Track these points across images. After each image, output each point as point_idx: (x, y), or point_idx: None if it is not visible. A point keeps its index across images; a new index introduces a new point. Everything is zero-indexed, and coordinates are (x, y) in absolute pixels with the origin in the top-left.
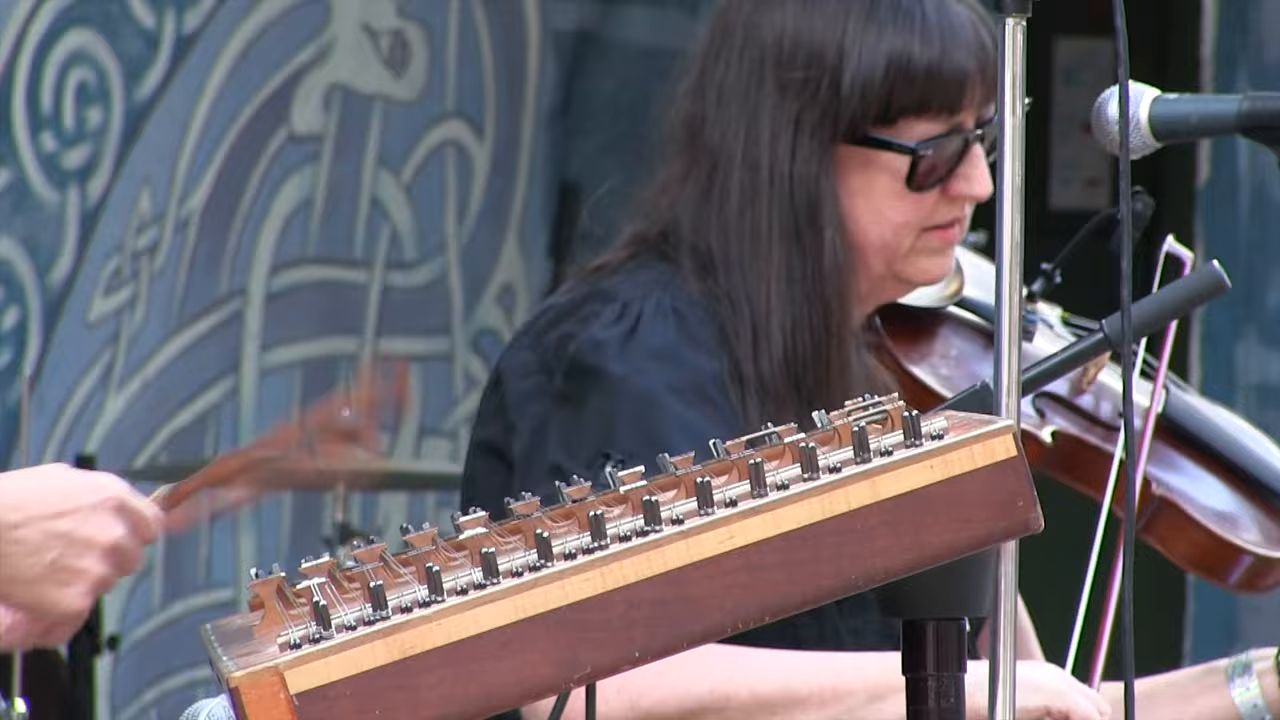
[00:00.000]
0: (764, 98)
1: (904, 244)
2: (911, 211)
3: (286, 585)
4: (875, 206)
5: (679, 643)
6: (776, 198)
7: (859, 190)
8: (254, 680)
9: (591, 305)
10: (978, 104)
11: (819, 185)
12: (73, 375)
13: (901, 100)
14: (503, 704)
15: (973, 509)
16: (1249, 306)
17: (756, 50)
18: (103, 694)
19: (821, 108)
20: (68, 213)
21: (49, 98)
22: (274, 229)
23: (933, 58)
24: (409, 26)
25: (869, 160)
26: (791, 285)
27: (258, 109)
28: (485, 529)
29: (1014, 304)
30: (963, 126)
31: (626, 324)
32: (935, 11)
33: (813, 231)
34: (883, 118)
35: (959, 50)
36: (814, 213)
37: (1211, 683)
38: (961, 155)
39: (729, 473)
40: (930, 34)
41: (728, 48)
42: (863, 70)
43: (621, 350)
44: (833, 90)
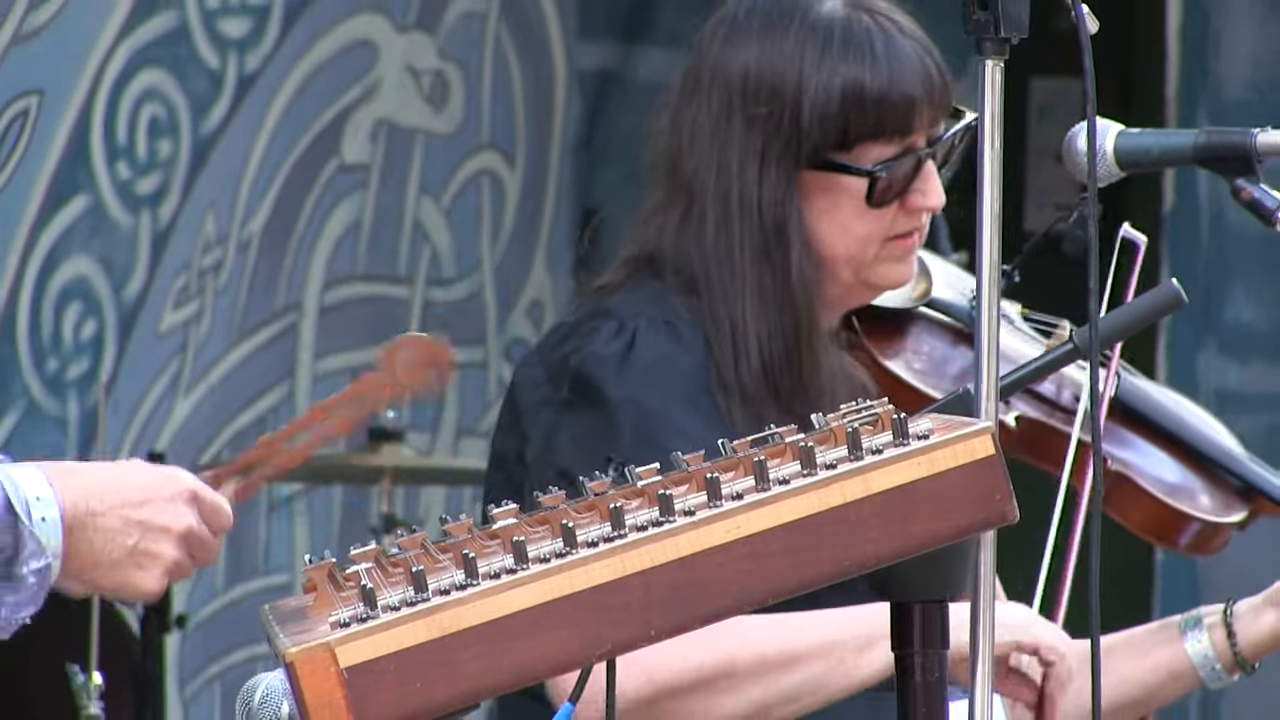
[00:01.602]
0: (732, 132)
1: (869, 254)
2: (873, 225)
3: (337, 570)
4: (840, 223)
5: (692, 622)
6: (747, 222)
7: (824, 210)
8: (308, 656)
9: (592, 322)
10: (927, 125)
11: (785, 209)
12: (145, 381)
13: (857, 127)
14: (531, 677)
15: (955, 502)
16: (1209, 320)
17: (724, 89)
18: (171, 668)
19: (784, 139)
20: (140, 235)
21: (124, 131)
22: (326, 249)
23: (883, 87)
24: (448, 67)
25: (831, 183)
26: (764, 300)
27: (311, 141)
28: (516, 520)
29: (993, 316)
30: (914, 146)
31: (624, 339)
32: (883, 45)
33: (781, 250)
34: (841, 144)
35: (906, 78)
36: (781, 233)
37: (1166, 636)
38: (915, 172)
39: (735, 469)
40: (879, 65)
41: (699, 87)
42: (820, 102)
43: (620, 364)
44: (794, 122)
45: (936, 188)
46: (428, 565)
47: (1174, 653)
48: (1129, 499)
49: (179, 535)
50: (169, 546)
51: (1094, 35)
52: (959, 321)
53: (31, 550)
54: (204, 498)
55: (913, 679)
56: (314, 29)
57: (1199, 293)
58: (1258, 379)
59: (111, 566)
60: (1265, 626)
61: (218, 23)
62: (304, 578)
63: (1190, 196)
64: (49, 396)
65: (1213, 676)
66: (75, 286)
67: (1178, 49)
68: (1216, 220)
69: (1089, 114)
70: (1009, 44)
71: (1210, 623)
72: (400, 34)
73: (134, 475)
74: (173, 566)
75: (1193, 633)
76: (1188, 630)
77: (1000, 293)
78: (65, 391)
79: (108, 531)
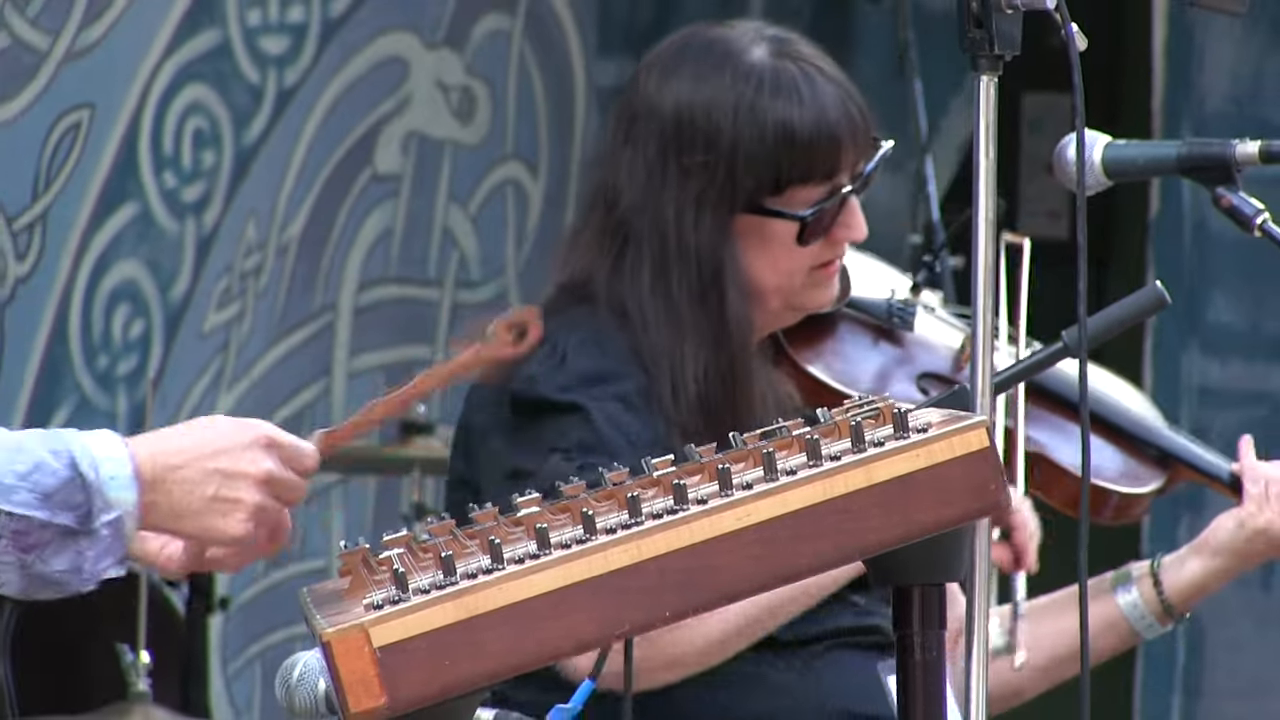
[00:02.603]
0: (669, 179)
1: (795, 284)
2: (800, 259)
3: (370, 555)
4: (770, 261)
5: (705, 605)
6: (684, 267)
7: (756, 251)
8: (343, 636)
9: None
10: (851, 164)
11: (721, 253)
12: (189, 378)
13: (787, 172)
14: (554, 656)
15: (952, 491)
16: (1191, 322)
17: (659, 134)
18: (215, 648)
19: (719, 187)
20: (185, 240)
21: (170, 142)
22: (360, 254)
23: (810, 132)
24: (475, 83)
25: (763, 226)
26: (701, 338)
27: (346, 152)
28: (539, 508)
29: (988, 318)
30: (840, 185)
31: (556, 357)
32: (809, 90)
33: (717, 293)
34: (773, 189)
35: (832, 122)
36: (718, 278)
37: (1101, 590)
38: (840, 208)
39: (745, 460)
40: (806, 111)
41: (635, 127)
42: (753, 150)
43: (554, 377)
44: (728, 171)
45: (860, 221)
46: (456, 551)
47: (1107, 607)
48: (1048, 478)
49: (257, 480)
50: (249, 491)
51: (1083, 52)
52: (877, 318)
53: (101, 505)
54: (282, 442)
55: (913, 657)
56: (348, 46)
57: (1182, 295)
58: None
59: (195, 515)
60: (1188, 575)
61: (258, 40)
62: (339, 563)
63: (1174, 204)
64: (99, 392)
65: (1145, 626)
66: (124, 289)
67: (1162, 65)
68: (1199, 227)
69: (1078, 126)
70: (1002, 60)
71: (1138, 576)
72: (430, 51)
73: (211, 429)
74: (255, 510)
75: (1123, 587)
76: (1118, 586)
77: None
78: (114, 387)
79: (187, 483)
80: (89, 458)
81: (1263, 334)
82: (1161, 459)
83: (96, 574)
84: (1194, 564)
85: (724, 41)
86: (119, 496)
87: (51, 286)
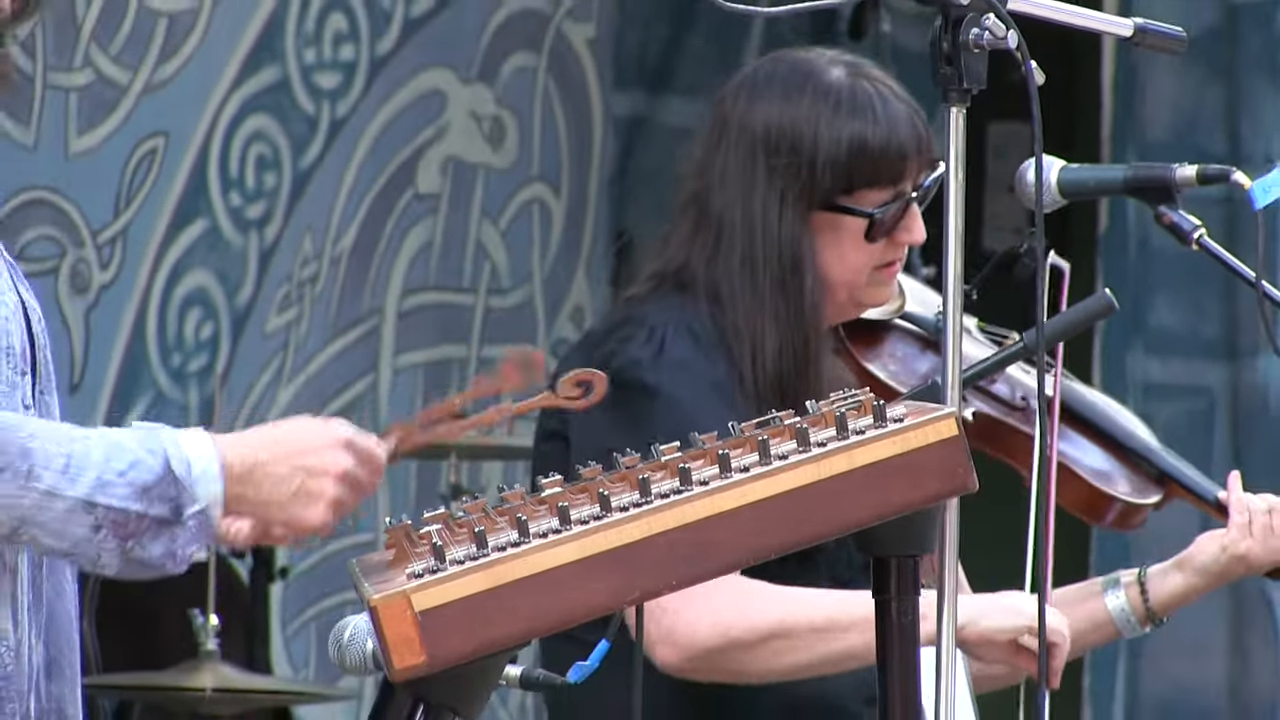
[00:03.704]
0: (757, 179)
1: (861, 279)
2: (867, 256)
3: (412, 530)
4: (840, 255)
5: (706, 574)
6: (769, 255)
7: (829, 244)
8: (388, 601)
9: (627, 329)
10: (915, 174)
11: (800, 244)
12: (252, 374)
13: (860, 176)
14: (573, 620)
15: (925, 474)
16: (1136, 325)
17: (749, 141)
18: (275, 612)
19: (800, 185)
20: (249, 252)
21: (235, 166)
22: (403, 264)
23: (882, 143)
24: (504, 113)
25: (836, 222)
26: (779, 320)
27: (391, 174)
28: (561, 488)
29: (957, 321)
30: (904, 192)
31: (655, 343)
32: (881, 107)
33: (796, 280)
34: (846, 190)
35: (901, 136)
36: (797, 266)
37: (1090, 593)
38: (904, 212)
39: (743, 447)
40: (879, 125)
41: (725, 138)
42: (830, 155)
43: (653, 365)
44: (809, 172)
45: (919, 225)
46: (488, 526)
47: (1096, 607)
48: (1064, 482)
49: (337, 476)
50: (329, 486)
51: (1040, 86)
52: (926, 331)
53: (190, 499)
54: (358, 444)
55: (890, 620)
56: (393, 81)
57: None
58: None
59: (282, 505)
60: (1172, 586)
61: (313, 76)
62: (385, 537)
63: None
64: (173, 387)
65: (1128, 627)
66: (195, 295)
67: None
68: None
69: (1036, 152)
70: (970, 94)
71: (1127, 583)
72: (465, 85)
73: (298, 429)
74: (334, 503)
75: (1112, 591)
76: (1108, 589)
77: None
78: (187, 382)
79: (275, 477)
80: (181, 456)
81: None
82: (1160, 478)
83: (187, 558)
84: (1177, 578)
85: (806, 63)
86: (207, 490)
87: (131, 293)
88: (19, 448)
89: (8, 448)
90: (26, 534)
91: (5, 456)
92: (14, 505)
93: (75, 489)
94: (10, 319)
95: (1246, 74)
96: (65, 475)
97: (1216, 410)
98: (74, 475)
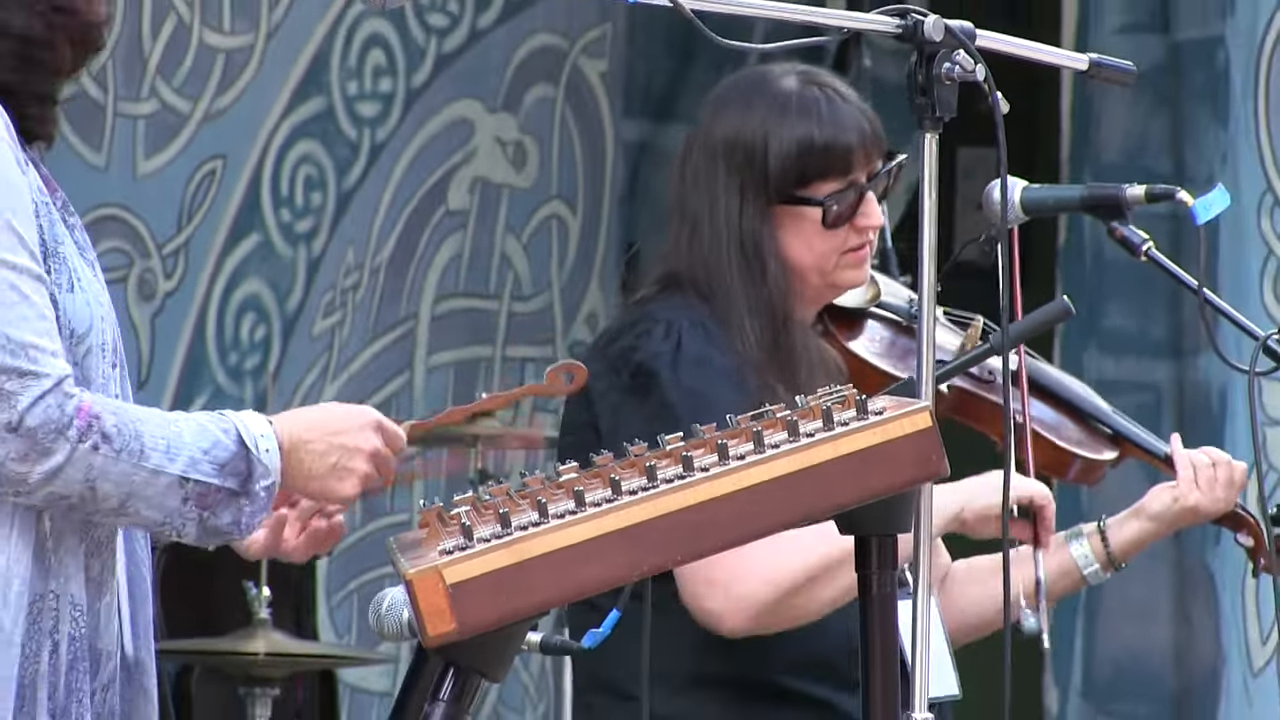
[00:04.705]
0: (718, 179)
1: (830, 264)
2: (831, 242)
3: (444, 512)
4: (805, 242)
5: (707, 551)
6: (733, 245)
7: (794, 234)
8: (422, 575)
9: (642, 325)
10: (865, 164)
11: (760, 234)
12: (300, 372)
13: (811, 169)
14: (587, 592)
15: (902, 462)
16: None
17: (712, 147)
18: (321, 585)
19: (757, 182)
20: (298, 263)
21: (286, 185)
22: (435, 273)
23: (827, 139)
24: (526, 139)
25: (795, 213)
26: (750, 306)
27: (425, 193)
28: (577, 474)
29: (930, 323)
30: (856, 181)
31: (673, 339)
32: (827, 108)
33: (758, 265)
34: (800, 182)
35: (846, 131)
36: (759, 253)
37: (1057, 543)
38: (859, 201)
39: (739, 437)
40: (824, 123)
41: (695, 148)
42: (782, 153)
43: (673, 358)
44: (763, 170)
45: (876, 211)
46: (511, 508)
47: (1063, 556)
48: (1031, 443)
49: (368, 454)
50: (361, 463)
51: (1005, 115)
52: (899, 317)
53: (260, 472)
54: (386, 427)
55: (871, 592)
56: (427, 110)
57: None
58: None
59: (320, 478)
60: (1129, 533)
61: (356, 106)
62: (419, 517)
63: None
64: (231, 382)
65: (1093, 574)
66: (250, 301)
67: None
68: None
69: (1001, 174)
70: (942, 121)
71: (1089, 533)
72: (491, 114)
73: (334, 412)
74: (364, 478)
75: (1076, 541)
76: (1072, 540)
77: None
78: (243, 379)
79: (315, 454)
80: (250, 435)
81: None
82: (1114, 438)
83: (252, 526)
84: (1133, 525)
85: (762, 75)
86: (271, 464)
87: (192, 299)
88: (133, 431)
89: (125, 430)
90: (132, 506)
91: (124, 439)
92: (128, 480)
93: (174, 466)
94: (105, 319)
95: (1190, 105)
96: (167, 455)
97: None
98: (173, 455)
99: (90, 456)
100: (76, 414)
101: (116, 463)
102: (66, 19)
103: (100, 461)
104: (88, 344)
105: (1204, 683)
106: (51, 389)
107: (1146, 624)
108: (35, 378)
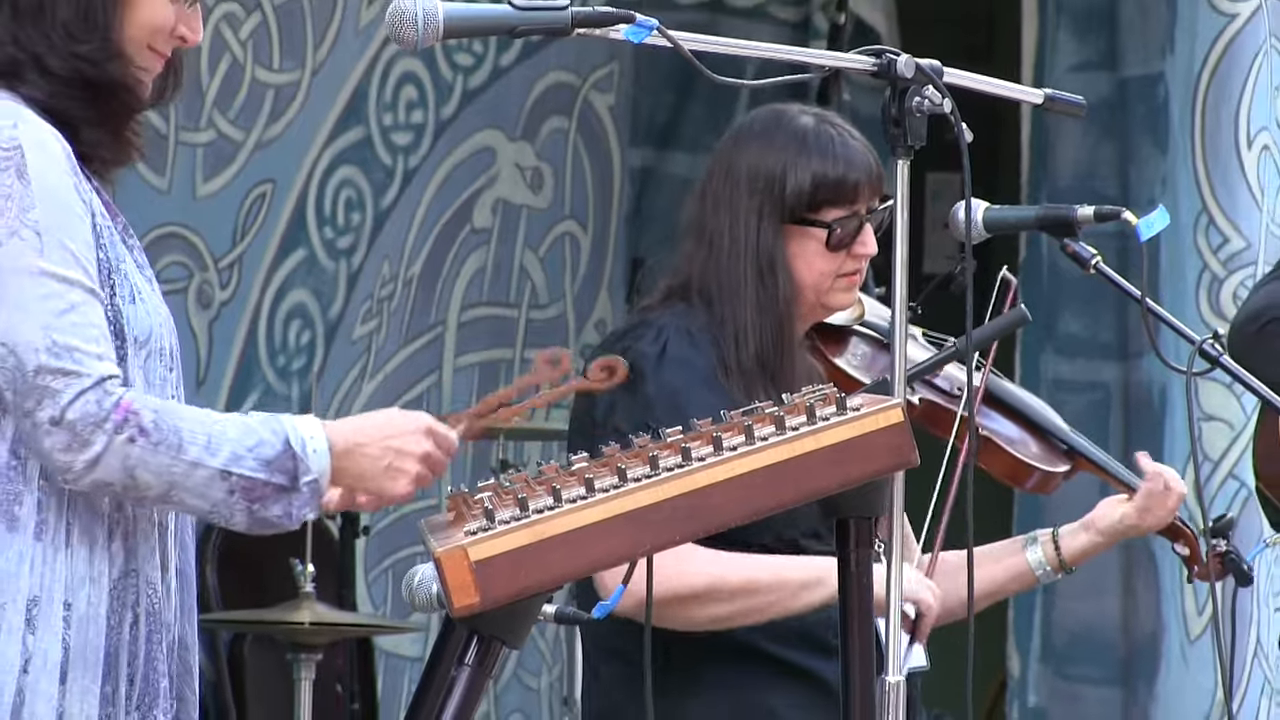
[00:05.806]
0: (739, 201)
1: (826, 285)
2: (830, 264)
3: (469, 497)
4: (809, 262)
5: (704, 531)
6: (749, 259)
7: (798, 252)
8: (449, 553)
9: (639, 329)
10: (867, 198)
11: (774, 250)
12: (341, 373)
13: (821, 197)
14: (596, 569)
15: (878, 452)
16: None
17: (734, 176)
18: (359, 561)
19: (774, 205)
20: (339, 275)
21: (329, 206)
22: (462, 284)
23: (839, 173)
24: (542, 165)
25: (804, 233)
26: (760, 308)
27: (453, 213)
28: (587, 463)
29: (902, 332)
30: (859, 212)
31: (660, 342)
32: (840, 145)
33: (771, 277)
34: (810, 207)
35: (855, 168)
36: (772, 265)
37: (1013, 549)
38: (859, 229)
39: (732, 430)
40: (837, 159)
41: (717, 175)
42: (797, 182)
43: (658, 359)
44: (780, 195)
45: (872, 240)
46: (529, 493)
47: (1018, 560)
48: (992, 455)
49: (419, 457)
50: (412, 464)
51: (970, 143)
52: (881, 335)
53: (305, 470)
54: (436, 430)
55: (850, 569)
56: (454, 140)
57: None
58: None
59: (374, 478)
60: (1080, 543)
61: (391, 135)
62: (447, 502)
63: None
64: (279, 382)
65: (1044, 576)
66: (297, 309)
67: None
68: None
69: (966, 196)
70: (913, 149)
71: (1043, 540)
72: (511, 143)
73: (391, 418)
74: (416, 478)
75: (1031, 547)
76: (1027, 545)
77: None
78: (290, 379)
79: (370, 456)
80: (298, 437)
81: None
82: (1069, 453)
83: (300, 518)
84: (1083, 537)
85: (780, 112)
86: (319, 464)
87: (245, 308)
88: (172, 427)
89: (163, 426)
90: (176, 496)
91: (161, 433)
92: (168, 471)
93: (215, 460)
94: (163, 326)
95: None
96: (207, 449)
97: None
98: (214, 450)
99: (127, 448)
100: (115, 409)
101: (155, 454)
102: (144, 73)
103: (137, 452)
104: (149, 349)
105: (1147, 648)
106: (92, 386)
107: (1098, 597)
108: (77, 377)
